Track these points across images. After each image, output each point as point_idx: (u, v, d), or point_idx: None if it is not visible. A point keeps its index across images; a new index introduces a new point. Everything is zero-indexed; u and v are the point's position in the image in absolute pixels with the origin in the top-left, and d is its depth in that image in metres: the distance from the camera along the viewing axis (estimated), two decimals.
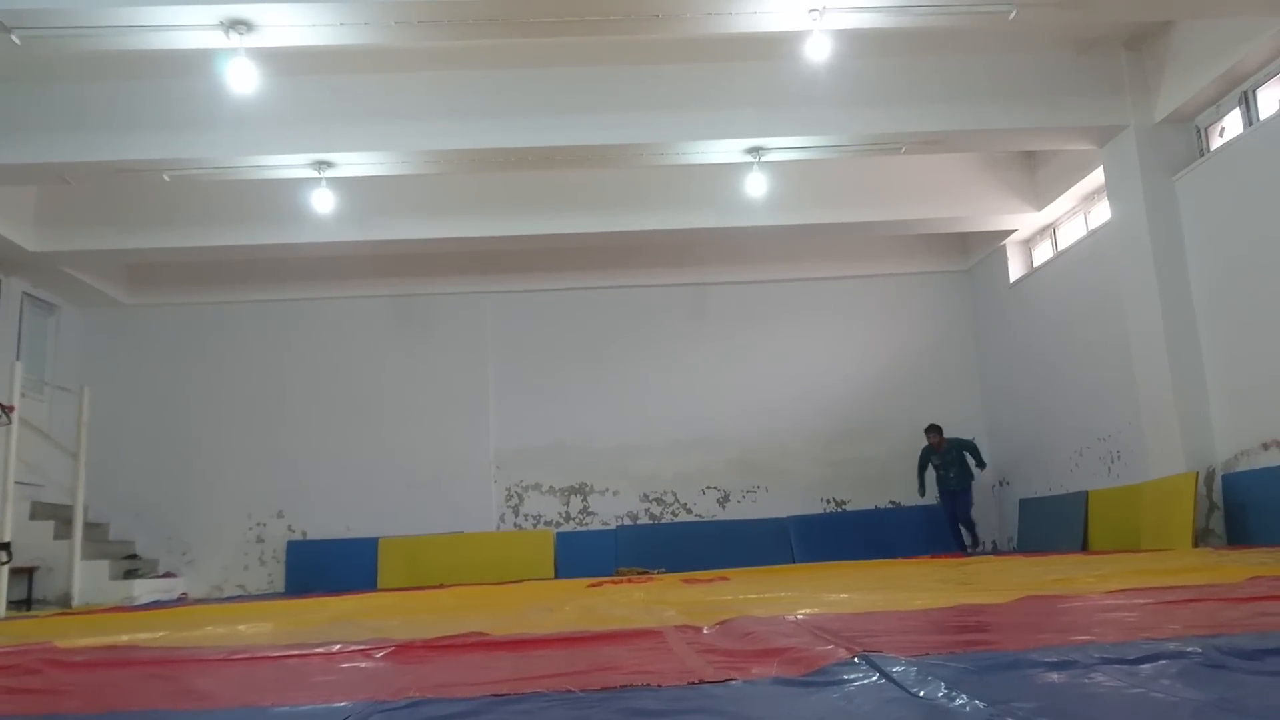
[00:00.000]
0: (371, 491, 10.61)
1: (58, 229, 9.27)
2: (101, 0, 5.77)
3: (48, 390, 10.19)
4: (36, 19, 5.79)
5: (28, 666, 2.40)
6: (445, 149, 7.81)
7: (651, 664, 2.03)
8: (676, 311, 11.26)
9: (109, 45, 6.19)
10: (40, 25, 5.86)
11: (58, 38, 6.02)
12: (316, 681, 2.12)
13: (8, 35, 5.86)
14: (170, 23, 5.93)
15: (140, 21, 5.89)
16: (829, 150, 8.22)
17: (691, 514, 10.92)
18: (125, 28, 5.95)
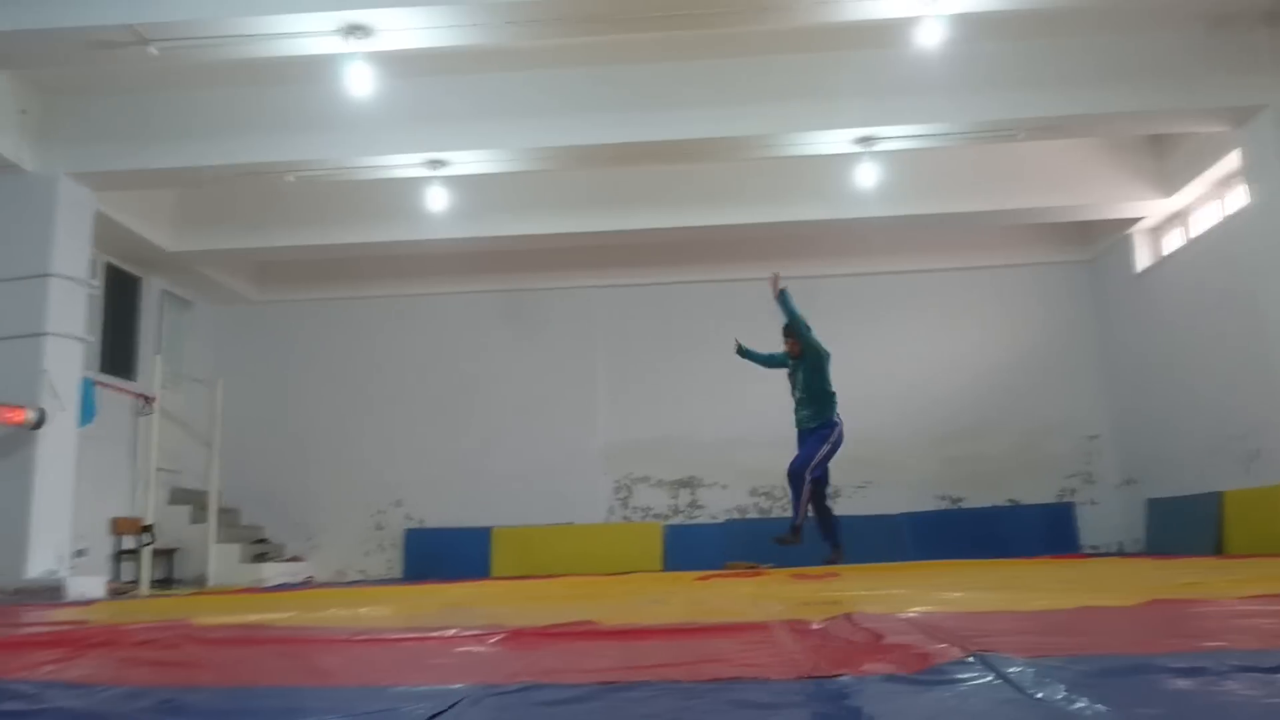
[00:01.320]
0: (485, 482, 10.85)
1: (192, 230, 9.78)
2: (230, 11, 6.05)
3: (184, 382, 10.76)
4: (172, 31, 6.12)
5: (168, 642, 2.55)
6: (554, 145, 7.91)
7: (759, 657, 2.03)
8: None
9: (237, 53, 6.50)
10: (175, 37, 6.20)
11: (191, 48, 6.35)
12: (432, 664, 2.19)
13: (146, 48, 6.21)
14: (293, 30, 6.20)
15: (265, 30, 6.17)
16: (942, 139, 8.00)
17: None
18: (251, 36, 6.23)
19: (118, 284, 9.91)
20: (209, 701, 1.68)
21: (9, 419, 7.21)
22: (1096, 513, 10.34)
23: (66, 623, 3.65)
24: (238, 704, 1.64)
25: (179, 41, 6.24)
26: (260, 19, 6.07)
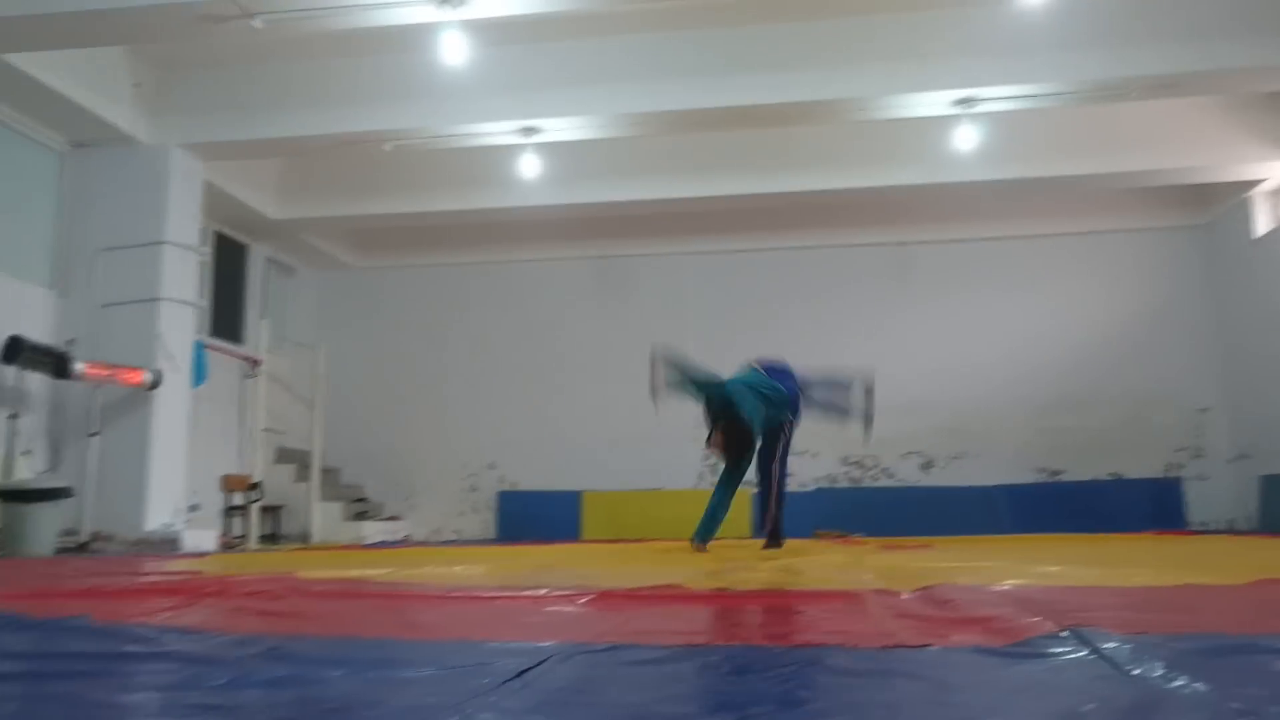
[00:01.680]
0: (575, 447, 10.99)
1: (295, 198, 10.08)
2: None
3: (288, 346, 11.15)
4: (274, 3, 6.27)
5: (275, 593, 2.67)
6: (647, 111, 7.88)
7: (847, 625, 2.02)
8: (878, 272, 10.95)
9: (336, 24, 6.63)
10: (277, 9, 6.35)
11: (292, 20, 6.50)
12: (524, 622, 2.25)
13: (251, 21, 6.38)
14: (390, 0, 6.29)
15: (364, 1, 6.28)
16: (1047, 99, 7.69)
17: (893, 479, 10.68)
18: (349, 7, 6.34)
19: (226, 251, 10.29)
20: (312, 650, 1.76)
21: (128, 380, 7.59)
22: (1206, 488, 9.93)
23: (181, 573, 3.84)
24: (339, 653, 1.71)
25: (281, 14, 6.40)
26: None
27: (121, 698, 1.36)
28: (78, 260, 8.04)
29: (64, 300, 7.98)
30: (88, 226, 8.07)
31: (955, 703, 1.27)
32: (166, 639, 1.84)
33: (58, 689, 1.40)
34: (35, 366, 7.05)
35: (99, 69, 7.59)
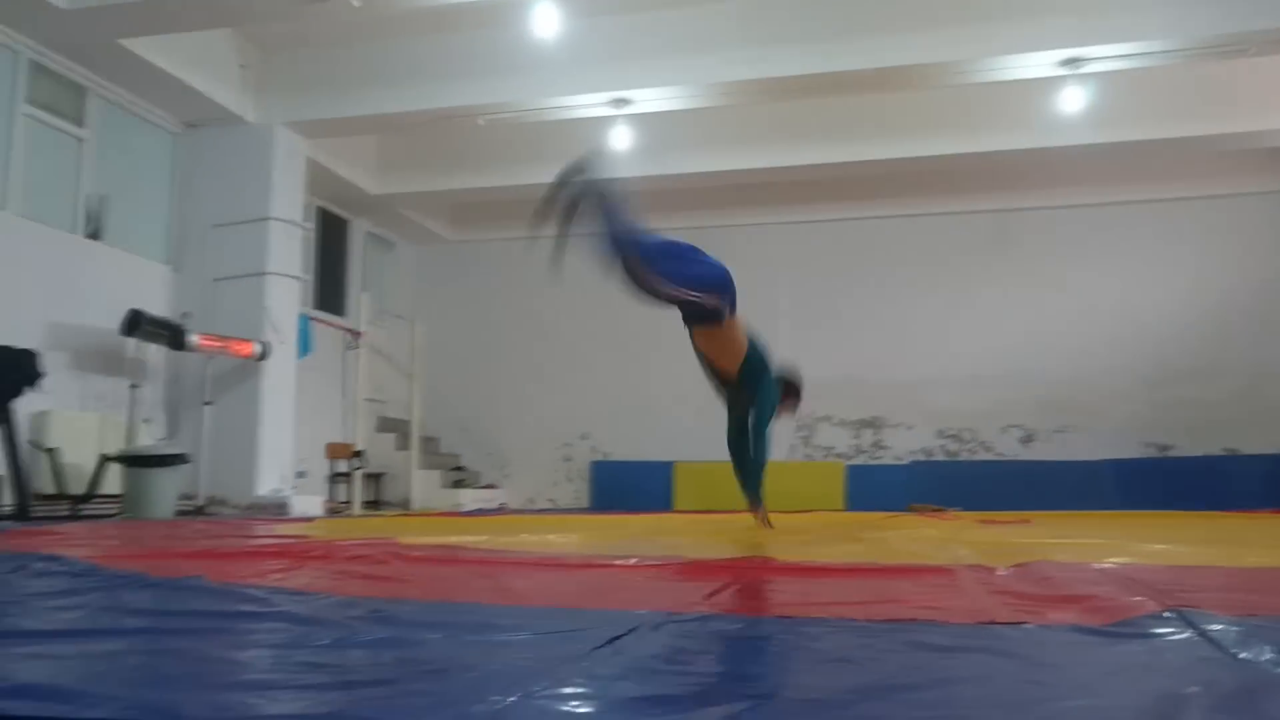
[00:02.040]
0: (667, 418, 11.03)
1: (393, 173, 10.30)
2: None
3: (388, 318, 11.45)
4: None
5: (378, 558, 2.77)
6: (739, 79, 7.79)
7: (940, 600, 2.00)
8: (976, 239, 10.64)
9: (432, 1, 6.73)
10: None
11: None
12: (615, 590, 2.29)
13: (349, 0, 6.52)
14: None
15: None
16: (1161, 56, 7.33)
17: (991, 452, 10.43)
18: None
19: (328, 226, 10.60)
20: (412, 613, 1.82)
21: (239, 352, 7.91)
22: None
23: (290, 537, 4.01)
24: (438, 617, 1.77)
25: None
26: None
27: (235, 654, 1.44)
28: (191, 236, 8.40)
29: (179, 275, 8.35)
30: (199, 204, 8.41)
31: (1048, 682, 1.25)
32: (276, 599, 1.93)
33: (176, 644, 1.49)
34: (153, 339, 7.40)
35: (208, 52, 7.87)
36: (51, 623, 1.73)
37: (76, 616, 1.78)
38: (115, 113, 7.87)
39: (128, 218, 7.98)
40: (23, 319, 6.72)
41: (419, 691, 1.13)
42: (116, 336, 7.23)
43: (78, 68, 7.40)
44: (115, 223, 7.80)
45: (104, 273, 7.58)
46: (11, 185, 6.88)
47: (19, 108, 6.98)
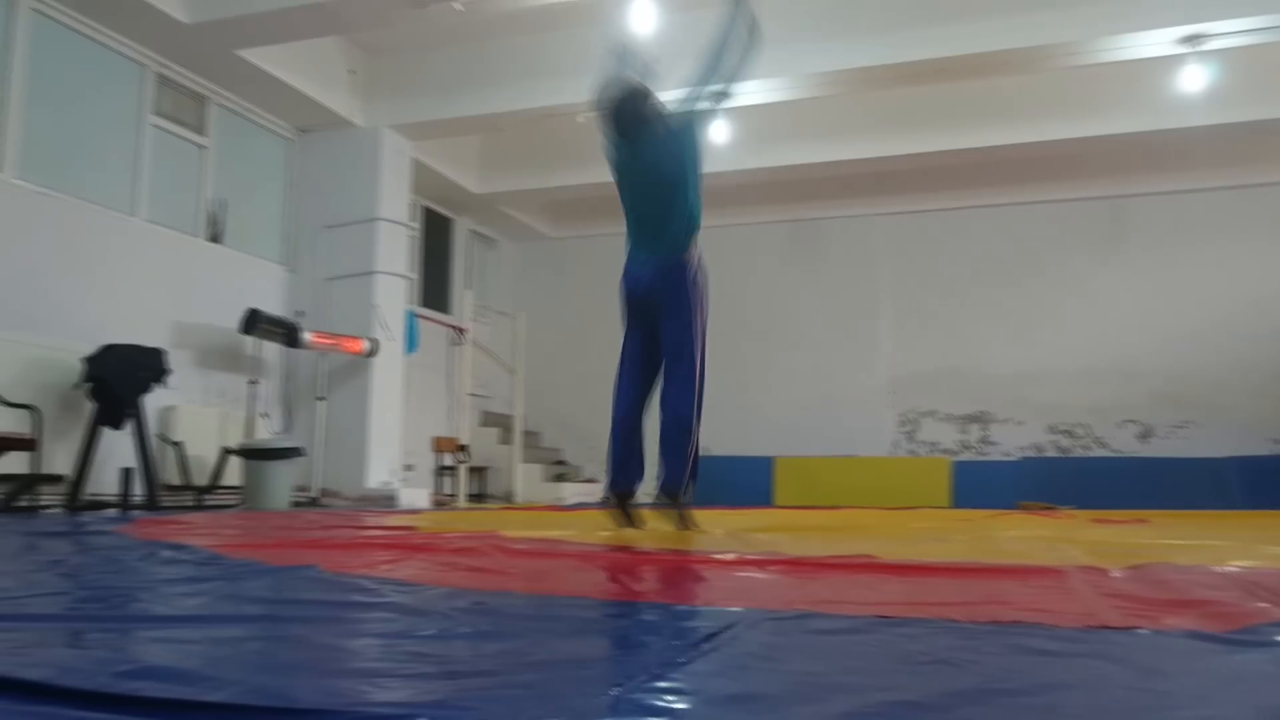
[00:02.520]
0: (767, 412, 10.97)
1: (495, 173, 10.50)
2: None
3: (491, 314, 11.67)
4: None
5: (482, 550, 2.83)
6: (837, 69, 7.68)
7: (1049, 603, 1.94)
8: (1088, 227, 10.26)
9: (530, 2, 6.83)
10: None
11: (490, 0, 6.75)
12: (713, 586, 2.29)
13: (453, 3, 6.67)
14: None
15: None
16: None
17: (1106, 449, 10.05)
18: None
19: (432, 225, 10.87)
20: (514, 605, 1.86)
21: (349, 348, 8.19)
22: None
23: (397, 528, 4.14)
24: (538, 609, 1.80)
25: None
26: None
27: (346, 643, 1.50)
28: (303, 237, 8.72)
29: (293, 275, 8.69)
30: (311, 206, 8.73)
31: (1161, 690, 1.20)
32: (384, 590, 1.99)
33: (291, 631, 1.55)
34: (270, 337, 7.72)
35: (319, 59, 8.15)
36: (178, 608, 1.82)
37: (201, 603, 1.88)
38: (234, 120, 8.23)
39: (245, 220, 8.34)
40: (151, 319, 7.09)
41: (520, 684, 1.15)
42: (236, 335, 7.57)
43: (199, 78, 7.76)
44: (234, 226, 8.16)
45: (224, 274, 7.94)
46: (140, 193, 7.26)
47: (147, 118, 7.37)
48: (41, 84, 6.52)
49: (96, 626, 1.57)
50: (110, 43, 7.04)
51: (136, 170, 7.26)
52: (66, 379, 6.21)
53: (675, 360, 4.25)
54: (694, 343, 4.29)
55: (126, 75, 7.25)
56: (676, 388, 4.25)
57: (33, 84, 6.45)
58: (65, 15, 6.68)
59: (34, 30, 6.48)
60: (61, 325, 6.40)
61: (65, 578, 2.26)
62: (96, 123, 7.01)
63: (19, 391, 5.77)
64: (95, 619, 1.66)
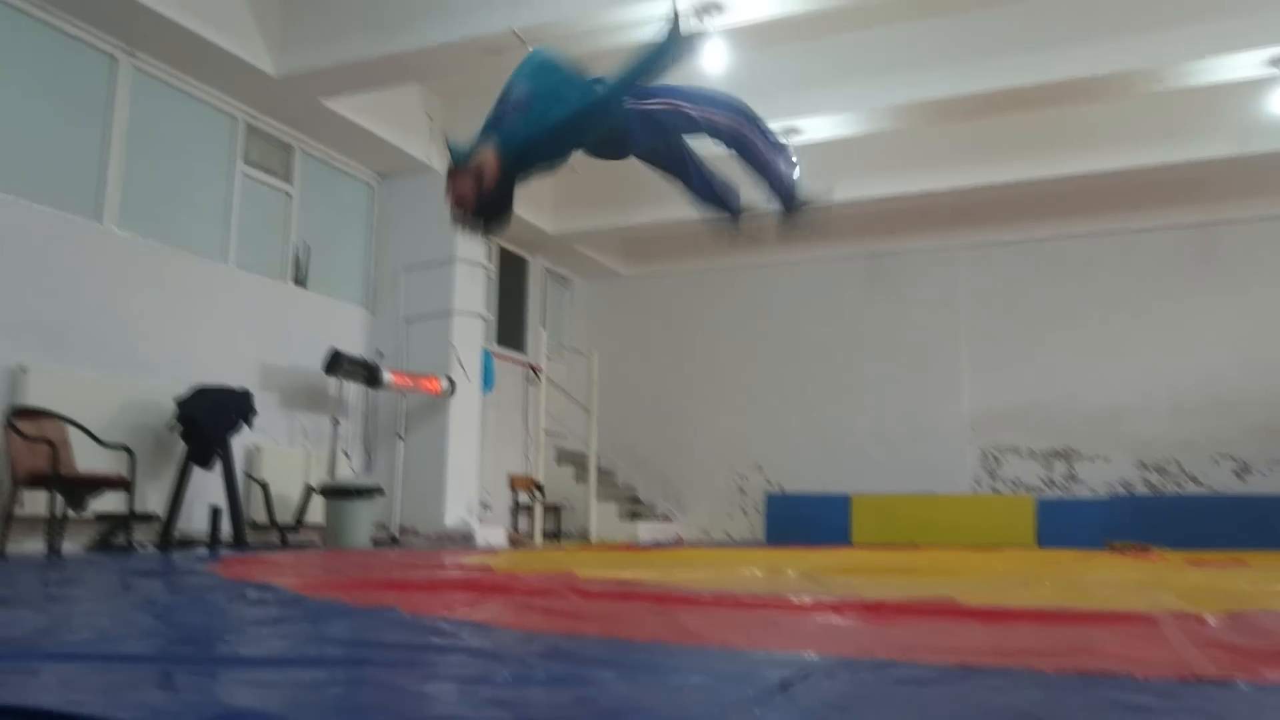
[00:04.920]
0: (844, 449, 10.83)
1: (569, 213, 10.64)
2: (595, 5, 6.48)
3: (565, 353, 11.79)
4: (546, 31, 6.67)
5: (557, 592, 2.85)
6: (911, 101, 7.63)
7: (1140, 652, 1.87)
8: (1176, 256, 9.94)
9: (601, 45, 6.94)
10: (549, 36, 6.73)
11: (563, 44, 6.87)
12: (789, 631, 2.26)
13: (525, 48, 6.81)
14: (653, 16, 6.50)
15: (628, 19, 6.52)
16: None
17: (1200, 486, 9.66)
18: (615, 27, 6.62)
19: (508, 265, 11.05)
20: (589, 650, 1.86)
21: (428, 388, 8.34)
22: None
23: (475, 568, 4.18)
24: (612, 655, 1.80)
25: (552, 40, 6.78)
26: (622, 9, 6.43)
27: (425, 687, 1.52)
28: (384, 279, 8.95)
29: (374, 316, 8.91)
30: (392, 249, 8.96)
31: None
32: (462, 633, 2.02)
33: (371, 675, 1.58)
34: (352, 377, 7.91)
35: (398, 107, 8.40)
36: (263, 650, 1.87)
37: (284, 645, 1.93)
38: (318, 167, 8.52)
39: (328, 264, 8.59)
40: (239, 361, 7.33)
41: None
42: (320, 375, 7.78)
43: (286, 128, 8.06)
44: (317, 269, 8.42)
45: (308, 316, 8.18)
46: (230, 239, 7.55)
47: (237, 167, 7.67)
48: (139, 137, 6.85)
49: (186, 668, 1.62)
50: (203, 96, 7.37)
51: (227, 217, 7.55)
52: (160, 420, 6.44)
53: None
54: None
55: (219, 127, 7.57)
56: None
57: (131, 137, 6.78)
58: (162, 71, 7.01)
59: (133, 86, 6.82)
60: (155, 367, 6.66)
61: (157, 618, 2.34)
62: (190, 173, 7.32)
63: (115, 432, 6.00)
64: (185, 660, 1.71)
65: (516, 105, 2.93)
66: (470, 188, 2.83)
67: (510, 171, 2.88)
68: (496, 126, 2.92)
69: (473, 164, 2.85)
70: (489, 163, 2.84)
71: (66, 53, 6.41)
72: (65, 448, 5.59)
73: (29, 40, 6.18)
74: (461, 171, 2.85)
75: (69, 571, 3.88)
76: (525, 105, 2.90)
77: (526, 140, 2.85)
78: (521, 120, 2.86)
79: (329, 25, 7.11)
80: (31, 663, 1.62)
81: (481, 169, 2.83)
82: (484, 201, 2.84)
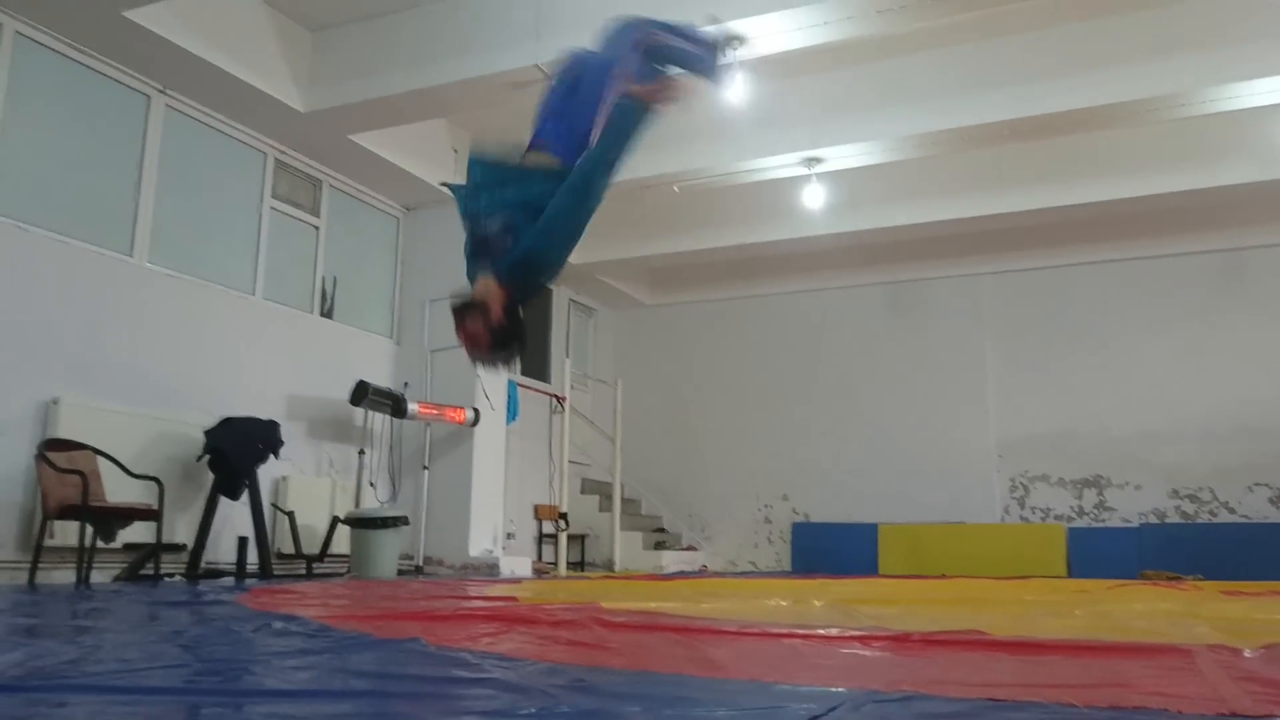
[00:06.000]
0: (870, 478, 10.75)
1: (592, 243, 10.68)
2: None
3: (589, 383, 11.81)
4: None
5: (581, 623, 2.84)
6: (934, 130, 7.64)
7: (1173, 686, 1.83)
8: (1204, 281, 9.84)
9: None
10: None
11: None
12: (816, 663, 2.24)
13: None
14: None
15: None
16: None
17: (1235, 514, 9.49)
18: None
19: None
20: (613, 683, 1.85)
21: (453, 418, 8.37)
22: None
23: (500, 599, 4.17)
24: (638, 688, 1.79)
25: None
26: None
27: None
28: (410, 310, 9.02)
29: (399, 347, 8.97)
30: (417, 280, 9.04)
31: None
32: (486, 665, 2.01)
33: (396, 708, 1.58)
34: (378, 408, 7.96)
35: (424, 140, 8.51)
36: (289, 682, 1.87)
37: (310, 677, 1.93)
38: (345, 200, 8.63)
39: (355, 296, 8.67)
40: (267, 392, 7.40)
41: None
42: (346, 406, 7.83)
43: (313, 163, 8.18)
44: (344, 301, 8.50)
45: (335, 347, 8.25)
46: (259, 272, 7.64)
47: (266, 202, 7.78)
48: (171, 173, 6.97)
49: (212, 700, 1.63)
50: (233, 132, 7.50)
51: (256, 251, 7.66)
52: (188, 451, 6.51)
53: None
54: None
55: (248, 162, 7.69)
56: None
57: (163, 173, 6.90)
58: (194, 109, 7.15)
59: (165, 124, 6.95)
60: (184, 400, 6.73)
61: (184, 649, 2.35)
62: (220, 207, 7.44)
63: (144, 463, 6.06)
64: (211, 692, 1.72)
65: (491, 226, 2.79)
66: (480, 324, 2.68)
67: (516, 293, 2.75)
68: (482, 254, 2.77)
69: (476, 299, 2.69)
70: (492, 292, 2.68)
71: (102, 92, 6.55)
72: (96, 479, 5.65)
73: (66, 80, 6.32)
74: (467, 311, 2.69)
75: (98, 602, 3.91)
76: (501, 223, 2.76)
77: (526, 252, 2.71)
78: (509, 238, 2.72)
79: (356, 62, 7.23)
80: (60, 694, 1.63)
81: (487, 302, 2.67)
82: (497, 334, 2.70)
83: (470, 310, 2.68)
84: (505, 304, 2.68)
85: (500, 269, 2.68)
